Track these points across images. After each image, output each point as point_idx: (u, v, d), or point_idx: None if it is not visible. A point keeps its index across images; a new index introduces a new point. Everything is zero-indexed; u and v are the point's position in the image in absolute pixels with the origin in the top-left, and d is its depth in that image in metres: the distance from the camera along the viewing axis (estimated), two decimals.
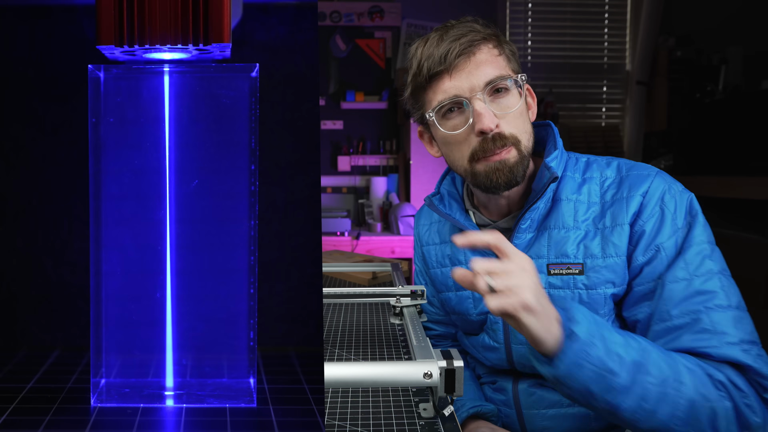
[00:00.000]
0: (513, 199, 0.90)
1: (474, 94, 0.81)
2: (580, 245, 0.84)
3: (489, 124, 0.80)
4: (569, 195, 0.87)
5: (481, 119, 0.80)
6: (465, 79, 0.81)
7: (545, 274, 0.86)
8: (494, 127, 0.80)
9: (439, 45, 0.82)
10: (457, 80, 0.81)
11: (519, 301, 0.63)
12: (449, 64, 0.81)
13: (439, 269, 1.03)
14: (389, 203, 3.23)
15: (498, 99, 0.83)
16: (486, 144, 0.82)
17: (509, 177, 0.83)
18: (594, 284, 0.83)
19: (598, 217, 0.85)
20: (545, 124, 0.94)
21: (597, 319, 0.71)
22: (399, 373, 0.61)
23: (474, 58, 0.81)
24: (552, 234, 0.86)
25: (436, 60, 0.81)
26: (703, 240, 0.79)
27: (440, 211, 0.96)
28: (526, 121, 0.86)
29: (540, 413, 0.93)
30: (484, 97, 0.81)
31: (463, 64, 0.81)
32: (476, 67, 0.81)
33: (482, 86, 0.81)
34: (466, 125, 0.82)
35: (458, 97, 0.82)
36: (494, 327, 0.93)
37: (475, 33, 0.82)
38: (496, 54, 0.83)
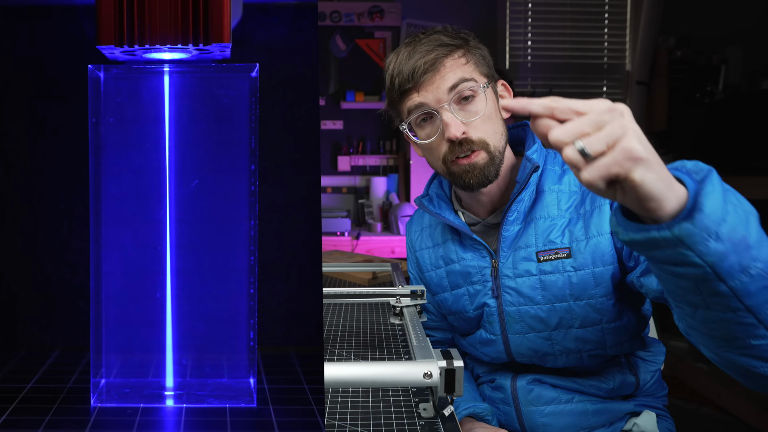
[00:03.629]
0: (494, 196, 0.94)
1: (441, 105, 0.86)
2: (566, 231, 0.88)
3: (455, 133, 0.85)
4: (551, 186, 0.91)
5: (448, 129, 0.85)
6: (432, 93, 0.86)
7: (535, 261, 0.89)
8: (460, 134, 0.85)
9: (407, 61, 0.87)
10: (424, 93, 0.87)
11: (628, 154, 0.46)
12: (416, 81, 0.86)
13: (433, 271, 1.04)
14: (389, 203, 3.23)
15: (466, 106, 0.87)
16: (454, 147, 0.87)
17: (480, 177, 0.88)
18: (582, 265, 0.86)
19: (579, 203, 0.89)
20: (522, 124, 1.00)
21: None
22: (399, 373, 0.61)
23: (438, 73, 0.86)
24: (538, 224, 0.90)
25: (405, 77, 0.87)
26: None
27: (430, 210, 0.98)
28: (496, 123, 0.89)
29: (538, 410, 0.95)
30: (450, 106, 0.86)
31: (429, 79, 0.86)
32: (441, 78, 0.86)
33: (446, 94, 0.85)
34: (438, 133, 0.87)
35: (426, 108, 0.87)
36: (490, 319, 0.95)
37: (441, 47, 0.86)
38: (463, 63, 0.87)
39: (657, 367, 0.99)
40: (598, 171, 0.47)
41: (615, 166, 0.46)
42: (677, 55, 3.39)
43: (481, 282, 0.95)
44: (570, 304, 0.87)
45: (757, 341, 0.55)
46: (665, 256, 0.52)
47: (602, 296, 0.86)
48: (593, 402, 0.94)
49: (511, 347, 0.94)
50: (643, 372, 0.97)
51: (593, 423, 0.94)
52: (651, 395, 1.01)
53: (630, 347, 0.92)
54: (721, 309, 0.54)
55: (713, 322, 0.56)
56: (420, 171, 3.08)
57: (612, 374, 0.94)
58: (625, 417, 0.97)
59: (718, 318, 0.55)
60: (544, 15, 3.49)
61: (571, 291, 0.87)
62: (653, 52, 3.38)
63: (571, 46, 3.52)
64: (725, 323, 0.55)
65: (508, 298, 0.91)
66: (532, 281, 0.89)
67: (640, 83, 3.40)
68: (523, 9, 3.48)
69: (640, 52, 3.37)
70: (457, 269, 0.98)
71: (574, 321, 0.88)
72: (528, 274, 0.89)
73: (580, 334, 0.88)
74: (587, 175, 0.47)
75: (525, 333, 0.92)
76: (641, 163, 0.47)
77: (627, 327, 0.89)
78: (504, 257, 0.91)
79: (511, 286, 0.91)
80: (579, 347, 0.90)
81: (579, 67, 3.52)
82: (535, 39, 3.50)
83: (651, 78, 3.42)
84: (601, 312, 0.86)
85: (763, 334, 0.54)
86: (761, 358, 0.56)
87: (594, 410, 0.93)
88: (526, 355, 0.94)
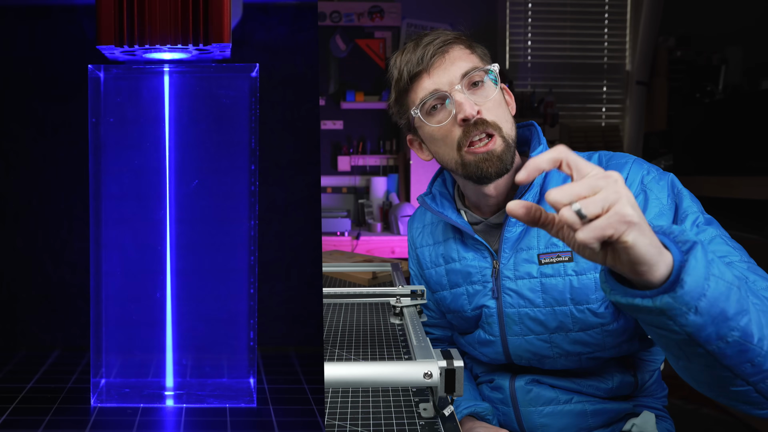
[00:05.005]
0: (501, 195, 0.93)
1: (453, 87, 0.86)
2: None
3: (470, 111, 0.84)
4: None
5: (462, 108, 0.85)
6: (443, 75, 0.87)
7: (536, 264, 0.89)
8: (475, 113, 0.85)
9: (415, 51, 0.89)
10: (435, 77, 0.88)
11: (621, 218, 0.48)
12: (426, 64, 0.87)
13: (433, 269, 1.04)
14: (389, 203, 3.23)
15: (476, 91, 0.88)
16: (469, 129, 0.86)
17: (499, 165, 0.87)
18: (583, 269, 0.86)
19: None
20: (529, 124, 0.99)
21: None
22: (399, 373, 0.61)
23: (448, 55, 0.88)
24: None
25: (414, 63, 0.88)
26: (695, 210, 0.80)
27: (432, 208, 0.98)
28: (506, 112, 0.90)
29: (537, 410, 0.94)
30: (462, 88, 0.86)
31: (439, 62, 0.87)
32: (451, 63, 0.87)
33: (459, 79, 0.86)
34: (450, 117, 0.87)
35: (438, 91, 0.87)
36: (489, 320, 0.95)
37: (446, 35, 0.89)
38: (468, 52, 0.89)
39: (656, 367, 0.99)
40: (593, 232, 0.49)
41: (609, 228, 0.48)
42: (677, 55, 3.40)
43: (481, 282, 0.95)
44: (570, 308, 0.87)
45: (736, 388, 0.60)
46: (648, 320, 0.56)
47: (602, 301, 0.85)
48: (592, 402, 0.94)
49: (510, 349, 0.94)
50: (641, 372, 0.96)
51: (592, 423, 0.94)
52: (650, 396, 1.00)
53: (629, 348, 0.92)
54: (700, 364, 0.59)
55: (695, 371, 0.62)
56: (420, 171, 3.08)
57: (611, 374, 0.94)
58: (625, 418, 0.97)
59: (699, 369, 0.60)
60: (544, 15, 3.50)
61: (571, 295, 0.86)
62: (653, 52, 3.38)
63: (571, 46, 3.52)
64: (705, 373, 0.60)
65: (508, 299, 0.91)
66: (532, 283, 0.89)
67: (640, 83, 3.41)
68: (523, 9, 3.48)
69: (640, 52, 3.37)
70: (457, 268, 0.98)
71: (574, 324, 0.88)
72: (529, 276, 0.89)
73: (580, 337, 0.88)
74: (583, 235, 0.49)
75: (524, 335, 0.92)
76: (634, 227, 0.49)
77: (626, 329, 0.88)
78: (505, 258, 0.91)
79: (511, 288, 0.91)
80: (578, 350, 0.89)
81: (579, 67, 3.52)
82: (535, 39, 3.50)
83: (651, 78, 3.42)
84: (600, 316, 0.86)
85: (741, 383, 0.59)
86: (741, 401, 0.62)
87: (593, 411, 0.93)
88: (524, 357, 0.94)
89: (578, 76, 3.52)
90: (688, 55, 3.39)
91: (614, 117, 3.56)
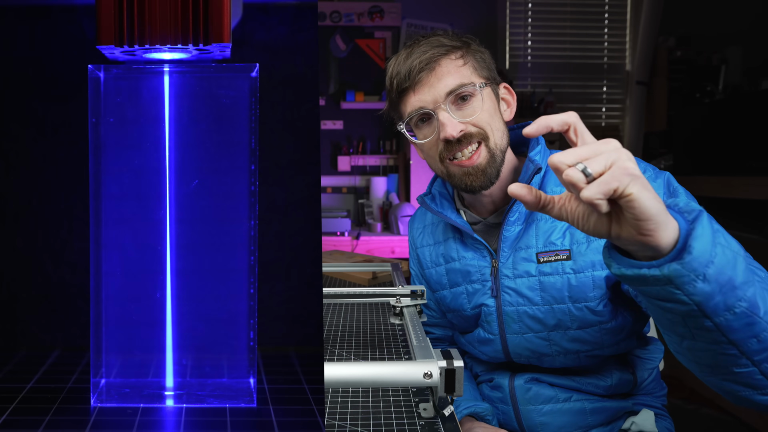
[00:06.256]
0: (497, 196, 0.94)
1: (437, 105, 0.87)
2: (566, 233, 0.88)
3: (451, 132, 0.85)
4: (553, 188, 0.91)
5: (444, 129, 0.86)
6: (427, 93, 0.87)
7: (535, 262, 0.89)
8: (457, 134, 0.86)
9: (405, 62, 0.88)
10: (420, 94, 0.88)
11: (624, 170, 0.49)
12: (412, 80, 0.87)
13: (433, 268, 1.05)
14: (389, 203, 3.23)
15: (463, 106, 0.88)
16: (451, 146, 0.87)
17: (482, 180, 0.89)
18: (581, 268, 0.86)
19: None
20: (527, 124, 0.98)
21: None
22: (399, 373, 0.61)
23: (435, 72, 0.87)
24: (539, 225, 0.90)
25: (402, 77, 0.88)
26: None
27: (432, 209, 0.99)
28: (498, 120, 0.90)
29: (536, 409, 0.95)
30: (447, 106, 0.86)
31: (425, 79, 0.87)
32: (438, 80, 0.87)
33: (444, 97, 0.86)
34: (434, 133, 0.89)
35: (423, 109, 0.88)
36: (488, 319, 0.96)
37: (439, 48, 0.87)
38: (460, 65, 0.88)
39: (654, 365, 0.99)
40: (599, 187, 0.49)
41: (614, 181, 0.48)
42: (677, 55, 3.40)
43: (480, 281, 0.95)
44: (568, 306, 0.87)
45: (739, 369, 0.58)
46: (654, 292, 0.55)
47: (600, 299, 0.86)
48: (591, 401, 0.94)
49: (509, 347, 0.95)
50: (640, 370, 0.97)
51: (591, 422, 0.94)
52: (650, 394, 1.01)
53: (627, 346, 0.92)
54: (706, 341, 0.57)
55: (698, 351, 0.60)
56: (420, 171, 3.08)
57: (609, 372, 0.94)
58: (624, 416, 0.97)
59: (703, 348, 0.58)
60: (544, 15, 3.49)
61: (569, 293, 0.87)
62: (653, 52, 3.38)
63: (571, 46, 3.52)
64: (710, 352, 0.58)
65: (507, 298, 0.92)
66: (531, 282, 0.89)
67: (640, 83, 3.41)
68: (523, 9, 3.48)
69: (640, 52, 3.37)
70: (457, 267, 0.98)
71: (572, 322, 0.88)
72: (527, 274, 0.89)
73: (578, 335, 0.88)
74: (589, 192, 0.49)
75: (523, 333, 0.92)
76: (637, 179, 0.49)
77: (624, 326, 0.89)
78: (504, 257, 0.92)
79: (510, 286, 0.91)
80: (577, 348, 0.90)
81: (579, 67, 3.52)
82: (535, 39, 3.50)
83: (651, 78, 3.42)
84: (599, 314, 0.86)
85: (746, 363, 0.57)
86: (744, 383, 0.60)
87: (592, 409, 0.94)
88: (523, 355, 0.94)
89: (578, 76, 3.52)
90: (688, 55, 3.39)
91: (614, 117, 3.56)
